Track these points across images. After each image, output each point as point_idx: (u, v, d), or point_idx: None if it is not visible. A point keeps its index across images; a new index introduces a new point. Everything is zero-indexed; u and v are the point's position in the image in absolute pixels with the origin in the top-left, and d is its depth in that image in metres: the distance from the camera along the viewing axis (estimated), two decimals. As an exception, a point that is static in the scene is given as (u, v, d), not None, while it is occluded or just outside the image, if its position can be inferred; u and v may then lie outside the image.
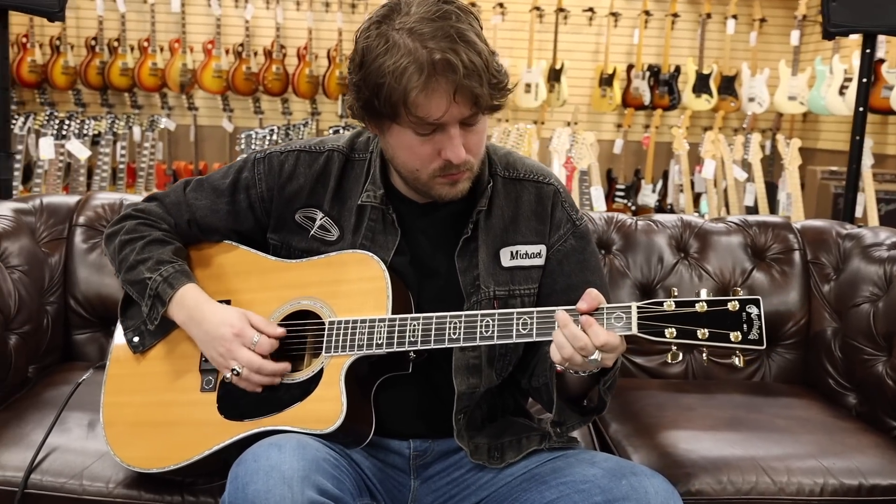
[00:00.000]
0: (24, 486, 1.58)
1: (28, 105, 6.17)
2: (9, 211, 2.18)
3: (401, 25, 1.35)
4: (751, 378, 2.32)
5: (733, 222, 2.45)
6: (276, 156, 1.63)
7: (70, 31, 6.12)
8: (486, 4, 6.26)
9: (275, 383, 1.49)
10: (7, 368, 1.89)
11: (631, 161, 6.52)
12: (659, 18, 6.42)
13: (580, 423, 1.55)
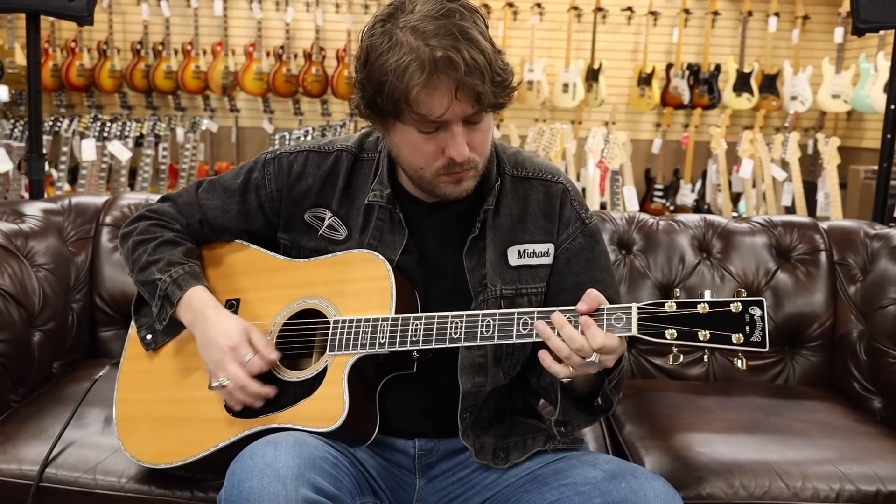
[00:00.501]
0: (39, 479, 1.61)
1: (77, 108, 6.30)
2: (38, 211, 2.22)
3: (404, 24, 1.35)
4: (774, 381, 2.27)
5: (758, 222, 2.39)
6: (286, 156, 1.63)
7: (117, 35, 6.24)
8: (524, 5, 6.23)
9: (255, 406, 1.48)
10: (30, 364, 1.93)
11: (670, 161, 6.43)
12: (699, 17, 6.33)
13: (586, 422, 1.53)
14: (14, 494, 1.61)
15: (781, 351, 2.29)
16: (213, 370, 1.50)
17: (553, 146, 4.36)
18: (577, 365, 1.32)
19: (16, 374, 1.87)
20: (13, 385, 1.88)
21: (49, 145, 4.80)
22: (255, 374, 1.47)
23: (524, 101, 6.21)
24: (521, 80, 6.06)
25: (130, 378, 1.64)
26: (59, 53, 6.13)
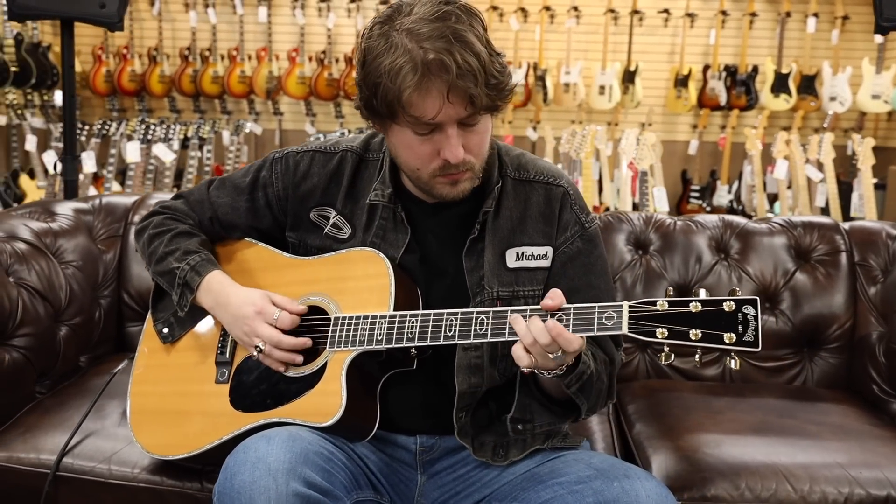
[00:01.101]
0: (56, 469, 1.64)
1: (128, 112, 6.42)
2: (69, 210, 2.26)
3: (400, 26, 1.34)
4: (791, 382, 2.21)
5: (777, 223, 2.33)
6: (293, 156, 1.64)
7: (166, 42, 6.34)
8: (561, 8, 6.18)
9: (297, 360, 1.49)
10: (55, 357, 1.96)
11: (707, 162, 6.32)
12: (736, 18, 6.21)
13: (553, 422, 1.50)
14: (33, 483, 1.63)
15: (800, 352, 2.23)
16: (247, 340, 1.51)
17: (584, 147, 4.31)
18: (539, 354, 1.30)
19: (40, 367, 1.91)
20: (38, 377, 1.91)
21: (98, 147, 4.90)
22: (287, 328, 1.48)
23: (560, 103, 6.16)
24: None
25: (144, 372, 1.66)
26: (111, 60, 6.25)
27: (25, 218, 2.13)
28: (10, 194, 5.32)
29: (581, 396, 1.42)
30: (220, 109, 6.37)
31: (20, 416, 1.80)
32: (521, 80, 6.13)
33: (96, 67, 6.22)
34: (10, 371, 1.79)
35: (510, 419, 1.48)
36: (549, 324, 1.28)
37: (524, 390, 1.49)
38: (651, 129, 5.99)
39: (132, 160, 4.30)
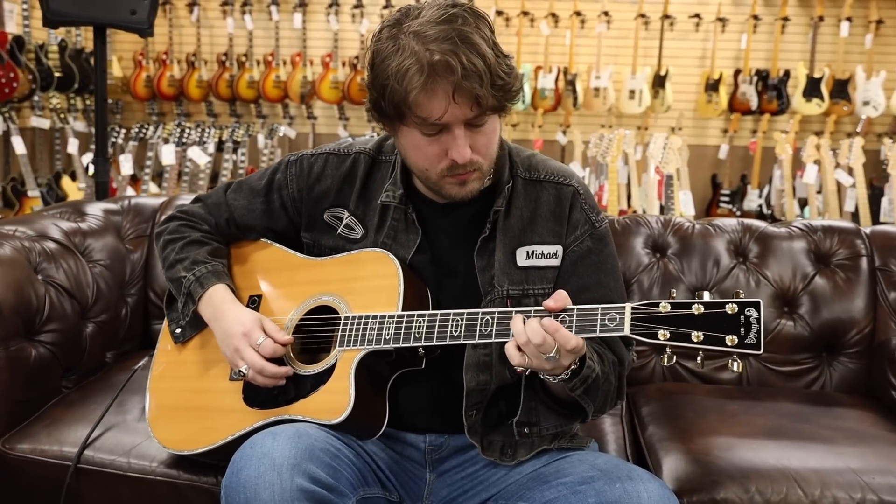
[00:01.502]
0: (77, 461, 1.66)
1: (167, 116, 6.52)
2: (99, 211, 2.30)
3: (408, 29, 1.35)
4: (809, 387, 2.18)
5: (797, 227, 2.30)
6: (307, 158, 1.65)
7: (204, 48, 6.42)
8: (592, 13, 6.15)
9: (279, 384, 1.50)
10: (81, 353, 2.00)
11: (737, 166, 6.24)
12: (768, 23, 6.12)
13: (559, 424, 1.50)
14: (55, 474, 1.67)
15: (818, 357, 2.20)
16: (232, 360, 1.53)
17: (610, 151, 4.29)
18: (532, 355, 1.29)
19: (67, 363, 1.94)
20: (64, 372, 1.95)
21: (135, 150, 4.99)
22: (269, 356, 1.49)
23: (590, 107, 6.13)
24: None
25: (162, 368, 1.69)
26: (151, 65, 6.35)
27: (56, 218, 2.17)
28: (52, 195, 5.43)
29: (587, 399, 1.42)
30: (255, 113, 6.44)
31: (46, 409, 1.84)
32: (552, 85, 6.12)
33: (137, 73, 6.32)
34: (37, 366, 1.83)
35: (516, 422, 1.48)
36: (545, 321, 1.28)
37: (529, 393, 1.49)
38: (681, 133, 5.94)
39: (167, 163, 4.37)
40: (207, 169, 4.78)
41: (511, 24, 6.26)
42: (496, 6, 6.18)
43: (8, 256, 1.84)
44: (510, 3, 6.26)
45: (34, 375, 1.82)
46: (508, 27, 6.27)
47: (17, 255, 1.87)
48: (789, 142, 5.16)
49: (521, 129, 6.35)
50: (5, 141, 5.20)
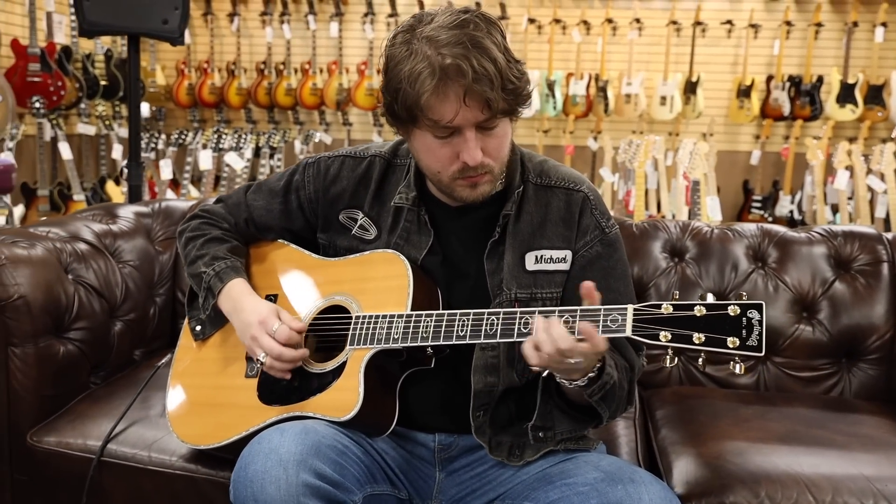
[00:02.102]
0: (101, 454, 1.69)
1: (208, 123, 6.61)
2: (130, 213, 2.34)
3: (420, 34, 1.36)
4: (828, 392, 2.13)
5: (817, 232, 2.26)
6: (324, 160, 1.67)
7: (244, 56, 6.51)
8: (623, 20, 6.11)
9: (295, 366, 1.52)
10: (109, 351, 2.03)
11: (769, 172, 6.15)
12: (801, 29, 6.03)
13: (574, 429, 1.49)
14: (79, 467, 1.70)
15: (837, 363, 2.15)
16: (251, 348, 1.55)
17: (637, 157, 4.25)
18: (554, 365, 1.29)
19: (95, 359, 1.98)
20: (92, 369, 1.98)
21: (174, 155, 5.07)
22: (284, 341, 1.50)
23: (621, 113, 6.09)
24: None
25: (182, 365, 1.71)
26: (193, 74, 6.45)
27: (89, 220, 2.21)
28: (96, 199, 5.54)
29: (603, 405, 1.42)
30: (293, 120, 6.51)
31: (73, 404, 1.87)
32: (583, 92, 6.09)
33: (179, 81, 6.42)
34: (66, 362, 1.87)
35: (531, 427, 1.48)
36: (581, 325, 1.27)
37: (545, 398, 1.48)
38: (712, 139, 5.86)
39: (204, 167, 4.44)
40: (244, 173, 4.84)
41: (543, 32, 6.25)
42: (529, 14, 6.17)
43: (39, 257, 1.88)
44: (543, 10, 6.25)
45: (62, 371, 1.86)
46: (541, 34, 6.26)
47: (48, 256, 1.91)
48: (821, 147, 5.07)
49: (553, 135, 6.33)
50: (53, 147, 5.32)
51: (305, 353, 1.52)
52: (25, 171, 5.24)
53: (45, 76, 5.21)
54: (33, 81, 5.18)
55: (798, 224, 5.68)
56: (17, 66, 5.15)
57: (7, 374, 1.76)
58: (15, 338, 1.76)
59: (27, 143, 5.24)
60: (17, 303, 1.76)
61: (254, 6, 6.52)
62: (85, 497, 1.68)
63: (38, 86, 5.19)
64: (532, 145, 6.20)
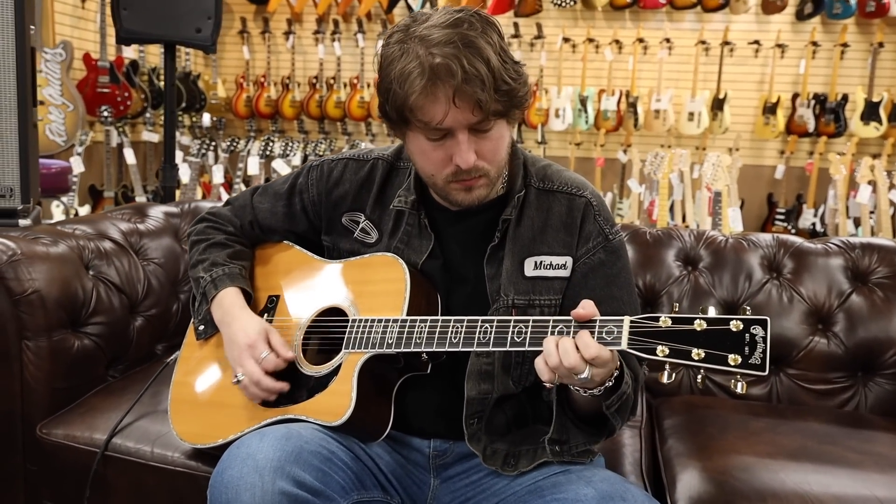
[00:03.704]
0: (105, 448, 1.58)
1: (264, 132, 6.55)
2: (160, 213, 2.24)
3: (414, 33, 1.21)
4: (843, 406, 1.92)
5: (834, 244, 2.05)
6: (328, 163, 1.53)
7: (298, 71, 6.44)
8: (654, 40, 5.89)
9: (270, 399, 1.38)
10: (128, 345, 1.92)
11: (793, 186, 5.86)
12: (827, 49, 5.74)
13: (588, 442, 1.32)
14: (84, 460, 1.58)
15: (853, 377, 1.95)
16: (234, 365, 1.42)
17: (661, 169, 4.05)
18: (564, 376, 1.13)
19: (112, 353, 1.87)
20: (110, 362, 1.87)
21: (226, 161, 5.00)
22: (269, 370, 1.37)
23: (650, 128, 5.86)
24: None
25: (185, 363, 1.59)
26: (251, 87, 6.40)
27: (118, 219, 2.11)
28: (157, 199, 5.51)
29: (618, 416, 1.26)
30: (341, 131, 6.42)
31: (87, 396, 1.76)
32: (614, 107, 5.88)
33: (238, 94, 6.38)
34: (80, 355, 1.76)
35: (548, 440, 1.32)
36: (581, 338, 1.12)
37: (560, 410, 1.32)
38: (738, 153, 5.61)
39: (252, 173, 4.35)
40: (291, 179, 4.74)
41: (577, 50, 6.06)
42: (564, 33, 5.99)
43: (58, 253, 1.78)
44: (577, 30, 6.06)
45: (76, 365, 1.75)
46: (575, 53, 6.06)
47: (68, 253, 1.81)
48: (844, 163, 4.79)
49: (585, 148, 6.13)
50: (119, 152, 5.30)
51: (285, 387, 1.37)
52: (93, 174, 5.23)
53: (113, 87, 5.19)
54: (102, 92, 5.17)
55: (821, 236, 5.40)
56: (89, 78, 5.14)
57: (20, 367, 1.66)
58: (28, 331, 1.66)
59: (96, 149, 5.23)
60: (31, 297, 1.66)
61: (308, 25, 6.46)
62: (88, 490, 1.57)
63: (107, 96, 5.18)
64: (564, 157, 6.01)
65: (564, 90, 5.96)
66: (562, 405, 1.31)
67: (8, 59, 2.01)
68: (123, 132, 5.22)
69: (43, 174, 3.24)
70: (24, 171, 2.07)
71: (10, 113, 2.05)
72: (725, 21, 5.81)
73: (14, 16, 2.01)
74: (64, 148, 4.83)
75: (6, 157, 2.06)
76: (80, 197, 5.10)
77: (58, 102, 4.79)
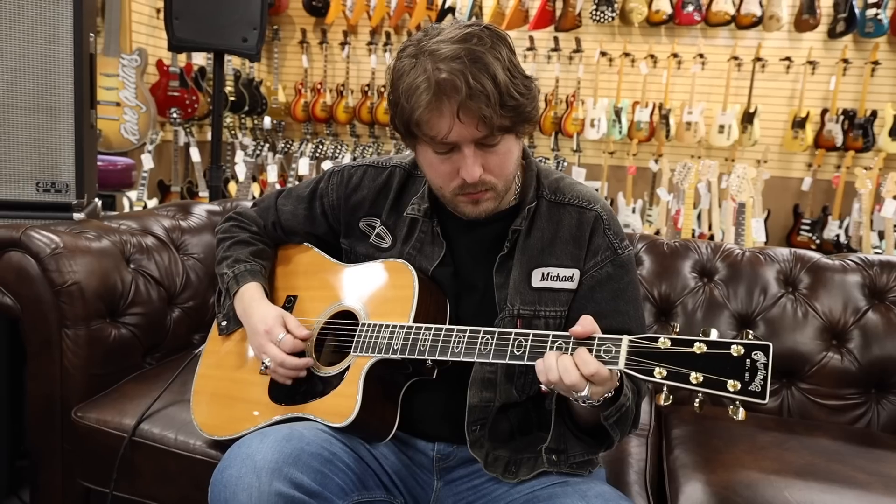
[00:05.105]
0: (132, 433, 1.54)
1: (319, 136, 6.54)
2: (203, 212, 2.21)
3: (425, 47, 1.13)
4: (854, 423, 1.79)
5: (852, 261, 1.91)
6: (348, 169, 1.47)
7: (352, 79, 6.40)
8: (688, 55, 5.69)
9: (300, 376, 1.32)
10: (164, 335, 1.89)
11: (819, 198, 5.60)
12: (858, 66, 5.46)
13: (586, 452, 1.22)
14: (113, 444, 1.55)
15: (866, 394, 1.81)
16: (258, 354, 1.36)
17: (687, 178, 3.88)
18: (564, 391, 1.05)
19: (148, 342, 1.83)
20: (146, 350, 1.84)
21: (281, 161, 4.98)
22: (289, 351, 1.31)
23: (681, 139, 5.66)
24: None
25: (209, 357, 1.54)
26: (308, 93, 6.39)
27: (162, 216, 2.08)
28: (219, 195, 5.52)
29: (616, 429, 1.16)
30: (389, 136, 6.36)
31: (123, 383, 1.73)
32: (647, 119, 5.70)
33: (297, 99, 6.37)
34: (116, 344, 1.73)
35: (546, 449, 1.23)
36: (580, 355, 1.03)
37: (558, 420, 1.23)
38: (766, 165, 5.38)
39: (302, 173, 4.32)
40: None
41: (614, 64, 5.89)
42: (601, 48, 5.82)
43: (100, 248, 1.75)
44: (614, 45, 5.89)
45: (113, 352, 1.72)
46: (611, 66, 5.89)
47: (110, 247, 1.78)
48: (871, 177, 4.55)
49: (618, 157, 5.96)
50: (186, 151, 5.34)
51: (309, 362, 1.32)
52: (162, 170, 5.27)
53: (182, 91, 5.23)
54: (173, 96, 5.20)
55: (844, 248, 5.15)
56: (161, 82, 5.19)
57: (60, 353, 1.63)
58: (68, 320, 1.63)
59: (165, 148, 5.28)
60: (70, 288, 1.63)
61: (362, 36, 6.41)
62: (115, 472, 1.53)
63: (177, 99, 5.21)
64: (598, 165, 5.86)
65: (600, 101, 5.80)
66: (561, 415, 1.23)
67: (66, 65, 1.98)
68: (190, 132, 5.25)
69: (109, 170, 3.25)
70: (80, 169, 2.05)
71: (68, 114, 2.02)
72: (758, 38, 5.58)
73: (73, 25, 1.99)
74: (136, 146, 4.88)
75: (63, 154, 2.04)
76: (150, 191, 5.15)
77: (132, 104, 4.84)
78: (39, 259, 1.62)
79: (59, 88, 1.99)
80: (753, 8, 5.40)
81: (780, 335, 1.83)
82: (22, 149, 1.97)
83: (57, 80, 1.97)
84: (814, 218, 5.53)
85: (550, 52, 6.01)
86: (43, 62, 1.95)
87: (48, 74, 1.96)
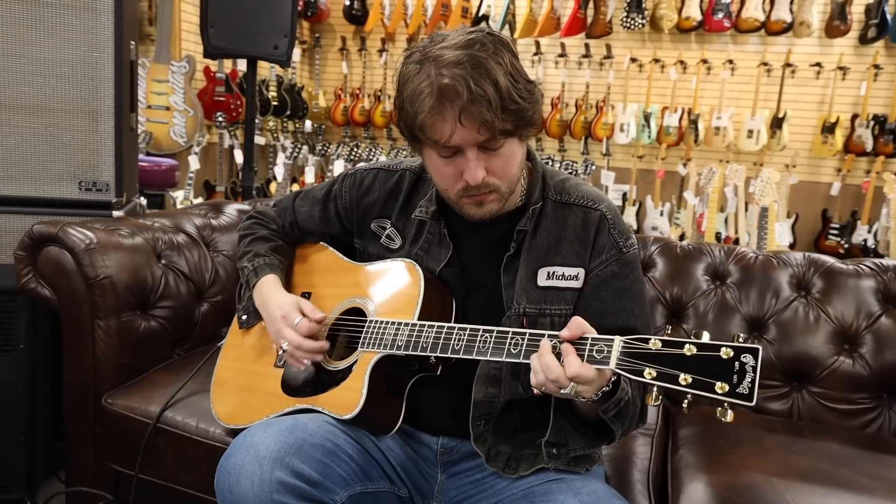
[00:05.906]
0: (157, 420, 1.57)
1: (357, 139, 6.58)
2: (233, 211, 2.23)
3: (430, 52, 1.13)
4: (865, 427, 1.73)
5: (867, 265, 1.84)
6: (361, 172, 1.47)
7: (389, 85, 6.43)
8: (717, 61, 5.57)
9: (317, 359, 1.32)
10: (192, 327, 1.92)
11: (848, 203, 5.44)
12: (889, 72, 5.28)
13: (587, 447, 1.21)
14: (139, 429, 1.58)
15: (878, 398, 1.74)
16: (276, 339, 1.38)
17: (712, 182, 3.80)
18: (552, 391, 1.03)
19: (177, 334, 1.86)
20: (175, 342, 1.87)
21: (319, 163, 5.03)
22: (305, 333, 1.32)
23: (710, 144, 5.55)
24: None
25: (229, 349, 1.56)
26: (347, 98, 6.44)
27: (195, 214, 2.11)
28: (261, 195, 5.61)
29: (616, 422, 1.14)
30: (424, 139, 6.37)
31: (152, 372, 1.76)
32: (676, 123, 5.60)
33: (336, 104, 6.42)
34: (146, 335, 1.76)
35: (545, 443, 1.22)
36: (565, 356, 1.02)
37: (558, 414, 1.22)
38: (795, 170, 5.25)
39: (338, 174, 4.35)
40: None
41: (644, 70, 5.80)
42: (631, 54, 5.74)
43: (132, 244, 1.78)
44: (644, 51, 5.80)
45: (142, 343, 1.75)
46: (641, 72, 5.81)
47: (142, 244, 1.82)
48: None
49: (647, 160, 5.87)
50: (230, 153, 5.42)
51: (325, 345, 1.32)
52: (208, 170, 5.36)
53: (227, 96, 5.31)
54: (218, 100, 5.29)
55: (872, 252, 4.99)
56: (207, 88, 5.28)
57: (93, 343, 1.67)
58: (100, 311, 1.67)
59: (211, 149, 5.37)
60: (103, 282, 1.66)
61: (399, 44, 6.43)
62: (140, 456, 1.56)
63: (222, 104, 5.30)
64: (627, 169, 5.78)
65: (630, 106, 5.72)
66: (562, 409, 1.21)
67: (107, 71, 2.03)
68: (234, 135, 5.33)
69: (154, 171, 3.32)
70: (119, 169, 2.10)
71: (108, 118, 2.07)
72: (788, 44, 5.44)
73: (114, 33, 2.03)
74: (184, 147, 4.98)
75: (103, 156, 2.09)
76: (196, 190, 5.24)
77: (181, 108, 4.94)
78: (74, 254, 1.66)
79: (100, 93, 2.04)
80: (784, 14, 5.27)
81: (791, 338, 1.77)
82: (65, 150, 2.02)
83: (98, 85, 2.02)
84: (842, 222, 5.37)
85: (581, 59, 5.95)
86: (85, 69, 2.00)
87: (90, 80, 2.01)
